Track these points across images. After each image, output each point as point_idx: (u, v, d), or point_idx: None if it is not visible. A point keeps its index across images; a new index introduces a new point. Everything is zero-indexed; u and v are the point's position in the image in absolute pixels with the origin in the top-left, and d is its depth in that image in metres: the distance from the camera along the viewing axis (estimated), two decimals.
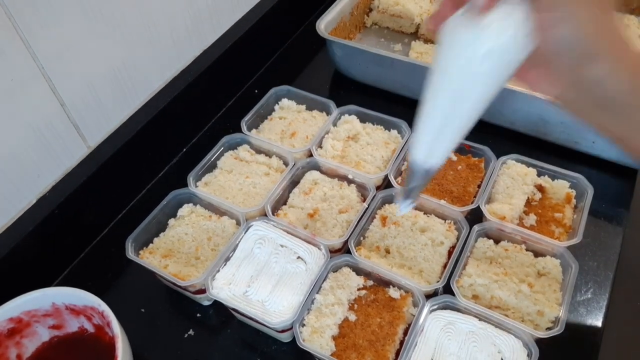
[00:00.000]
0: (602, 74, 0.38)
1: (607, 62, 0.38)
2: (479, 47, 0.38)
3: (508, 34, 0.38)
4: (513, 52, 0.39)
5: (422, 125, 0.45)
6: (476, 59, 0.39)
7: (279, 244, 0.73)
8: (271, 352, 0.70)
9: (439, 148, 0.46)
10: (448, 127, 0.44)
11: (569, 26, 0.37)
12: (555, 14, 0.37)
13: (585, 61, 0.38)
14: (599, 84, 0.39)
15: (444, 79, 0.41)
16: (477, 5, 0.38)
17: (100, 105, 0.79)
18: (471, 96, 0.41)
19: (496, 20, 0.38)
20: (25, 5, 0.63)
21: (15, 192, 0.71)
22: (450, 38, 0.40)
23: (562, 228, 0.75)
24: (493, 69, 0.40)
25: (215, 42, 0.98)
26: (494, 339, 0.64)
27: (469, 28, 0.38)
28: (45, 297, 0.63)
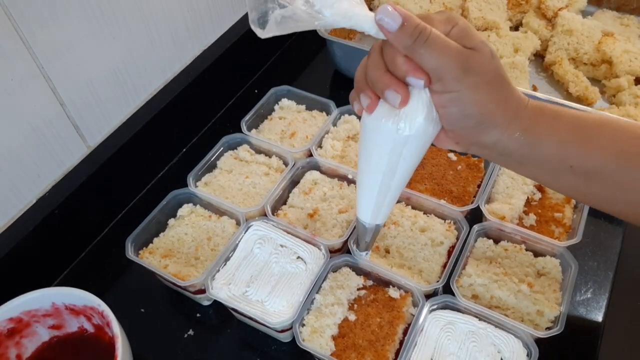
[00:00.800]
0: (496, 138, 0.47)
1: (497, 128, 0.46)
2: (401, 134, 0.45)
3: (421, 117, 0.45)
4: (430, 130, 0.46)
5: (363, 196, 0.54)
6: (400, 144, 0.46)
7: (278, 244, 0.73)
8: (271, 352, 0.70)
9: (382, 211, 0.55)
10: (386, 196, 0.52)
11: (457, 106, 0.44)
12: (445, 95, 0.44)
13: (478, 130, 0.46)
14: (495, 144, 0.47)
15: (374, 162, 0.49)
16: (395, 103, 0.44)
17: (100, 105, 0.79)
18: (401, 171, 0.49)
19: (410, 108, 0.45)
20: (25, 5, 0.63)
21: (15, 192, 0.71)
22: (376, 127, 0.46)
23: (561, 228, 0.75)
24: (415, 147, 0.47)
25: (215, 42, 0.98)
26: (493, 338, 0.64)
27: (389, 119, 0.45)
28: (45, 297, 0.63)
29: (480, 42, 0.44)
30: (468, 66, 0.43)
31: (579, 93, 0.96)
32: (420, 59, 0.43)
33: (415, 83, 0.43)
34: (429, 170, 0.83)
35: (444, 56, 0.42)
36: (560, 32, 1.02)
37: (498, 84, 0.45)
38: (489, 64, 0.44)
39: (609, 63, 0.98)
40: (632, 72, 0.95)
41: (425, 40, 0.42)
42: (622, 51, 0.97)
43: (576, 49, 1.01)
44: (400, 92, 0.44)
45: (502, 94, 0.45)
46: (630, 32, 1.05)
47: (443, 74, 0.43)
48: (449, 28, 0.44)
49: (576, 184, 0.49)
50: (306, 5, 0.41)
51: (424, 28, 0.42)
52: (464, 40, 0.43)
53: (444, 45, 0.42)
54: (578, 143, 0.47)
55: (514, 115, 0.46)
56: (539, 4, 1.10)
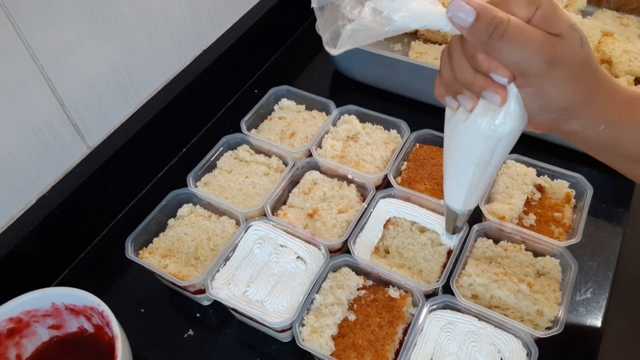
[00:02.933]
0: (578, 128, 0.44)
1: (580, 119, 0.43)
2: (497, 130, 0.44)
3: (516, 112, 0.43)
4: (524, 122, 0.45)
5: (455, 186, 0.53)
6: (495, 139, 0.45)
7: (278, 244, 0.73)
8: (271, 352, 0.71)
9: (474, 198, 0.54)
10: (479, 185, 0.51)
11: (540, 100, 0.42)
12: (527, 89, 0.41)
13: (560, 121, 0.44)
14: (576, 133, 0.45)
15: (468, 155, 0.47)
16: (496, 103, 0.42)
17: (100, 105, 0.79)
18: (494, 162, 0.48)
19: (505, 108, 0.43)
20: (25, 5, 0.63)
21: (15, 192, 0.71)
22: (472, 123, 0.45)
23: (561, 228, 0.75)
24: (509, 140, 0.46)
25: (215, 42, 0.98)
26: (493, 338, 0.64)
27: (485, 116, 0.44)
28: (45, 297, 0.63)
29: (568, 27, 0.40)
30: (553, 58, 0.39)
31: None
32: (499, 54, 0.40)
33: (499, 80, 0.41)
34: (429, 170, 0.83)
35: (524, 50, 0.39)
36: None
37: (586, 74, 0.41)
38: (577, 53, 0.40)
39: (609, 63, 0.98)
40: (632, 72, 0.95)
41: (502, 34, 0.38)
42: (622, 51, 0.97)
43: None
44: (498, 92, 0.42)
45: (589, 85, 0.42)
46: (629, 32, 1.05)
47: (525, 69, 0.40)
48: (532, 11, 0.40)
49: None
50: (374, 14, 0.40)
51: (501, 20, 0.38)
52: (548, 25, 0.40)
53: (524, 37, 0.39)
54: None
55: (600, 107, 0.43)
56: None
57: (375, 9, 0.40)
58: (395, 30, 0.41)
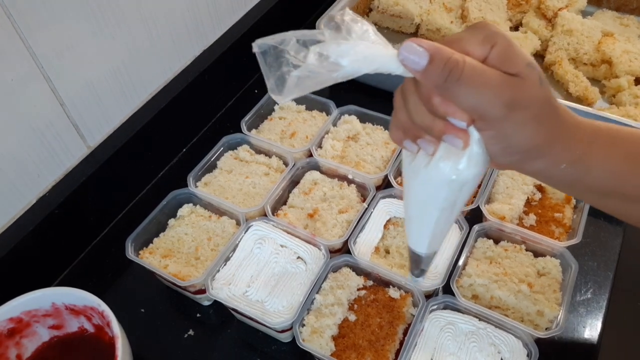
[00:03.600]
0: (541, 168, 0.43)
1: (543, 159, 0.42)
2: (462, 173, 0.42)
3: (480, 153, 0.41)
4: (487, 162, 0.42)
5: (418, 230, 0.50)
6: (460, 182, 0.43)
7: (278, 244, 0.73)
8: (271, 352, 0.70)
9: (438, 239, 0.51)
10: (444, 228, 0.49)
11: (501, 144, 0.40)
12: (487, 133, 0.39)
13: (522, 162, 0.42)
14: (540, 172, 0.44)
15: (432, 200, 0.45)
16: (458, 147, 0.40)
17: (100, 105, 0.79)
18: (459, 203, 0.46)
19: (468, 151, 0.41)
20: (25, 5, 0.63)
21: (15, 192, 0.71)
22: (434, 167, 0.42)
23: (561, 228, 0.75)
24: (474, 181, 0.44)
25: (215, 42, 0.98)
26: (493, 339, 0.64)
27: (449, 159, 0.41)
28: (45, 297, 0.63)
29: (526, 66, 0.38)
30: (512, 101, 0.37)
31: (579, 93, 0.96)
32: (456, 98, 0.37)
33: (458, 124, 0.39)
34: None
35: (482, 94, 0.37)
36: (560, 32, 1.03)
37: (547, 114, 0.40)
38: (536, 93, 0.38)
39: (609, 63, 0.98)
40: (632, 72, 0.95)
41: (458, 77, 0.36)
42: (622, 51, 0.97)
43: (576, 49, 1.01)
44: (460, 136, 0.39)
45: (551, 125, 0.40)
46: (630, 32, 1.05)
47: (484, 113, 0.38)
48: (487, 50, 0.38)
49: (625, 207, 0.46)
50: (320, 60, 0.37)
51: (456, 63, 0.36)
52: (505, 65, 0.37)
53: (482, 80, 0.37)
54: (631, 171, 0.43)
55: (562, 146, 0.41)
56: (539, 4, 1.10)
57: (321, 53, 0.37)
58: (345, 75, 0.38)
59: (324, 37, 0.37)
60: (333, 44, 0.37)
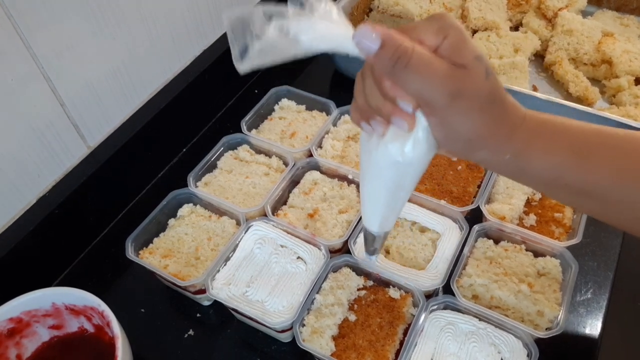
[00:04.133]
0: (485, 158, 0.44)
1: (486, 150, 0.43)
2: (408, 155, 0.44)
3: (425, 137, 0.43)
4: (434, 147, 0.44)
5: (370, 209, 0.53)
6: (406, 164, 0.45)
7: (279, 244, 0.73)
8: (271, 352, 0.70)
9: (389, 220, 0.54)
10: (393, 208, 0.52)
11: (444, 131, 0.42)
12: (432, 119, 0.41)
13: (466, 150, 0.44)
14: (484, 162, 0.46)
15: (381, 180, 0.48)
16: (403, 129, 0.42)
17: (100, 105, 0.79)
18: (407, 186, 0.48)
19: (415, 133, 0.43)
20: (25, 5, 0.63)
21: (15, 192, 0.71)
22: (383, 148, 0.45)
23: (562, 228, 0.75)
24: (420, 164, 0.46)
25: (215, 42, 0.98)
26: (493, 339, 0.64)
27: (396, 141, 0.44)
28: (45, 297, 0.63)
29: (474, 59, 0.39)
30: (456, 91, 0.39)
31: (579, 93, 0.96)
32: (402, 84, 0.39)
33: (404, 108, 0.41)
34: (429, 171, 0.83)
35: (427, 82, 0.38)
36: (560, 32, 1.03)
37: (491, 106, 0.41)
38: (481, 85, 0.40)
39: (609, 63, 0.98)
40: (632, 72, 0.95)
41: (405, 64, 0.38)
42: (622, 51, 0.97)
43: (576, 49, 1.01)
44: (405, 119, 0.41)
45: (494, 117, 0.42)
46: (630, 32, 1.05)
47: (429, 100, 0.40)
48: (440, 40, 0.39)
49: (572, 198, 0.48)
50: (280, 34, 0.39)
51: (405, 50, 0.37)
52: (455, 56, 0.39)
53: (428, 68, 0.38)
54: (574, 164, 0.44)
55: (505, 138, 0.43)
56: (539, 4, 1.10)
57: (281, 28, 0.39)
58: (304, 51, 0.40)
59: (289, 14, 0.39)
60: (294, 20, 0.39)
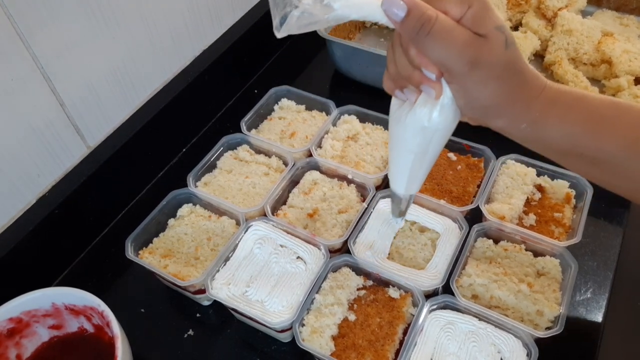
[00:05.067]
0: (502, 125, 0.46)
1: (504, 118, 0.45)
2: (434, 121, 0.46)
3: (451, 104, 0.45)
4: (458, 114, 0.47)
5: (397, 172, 0.56)
6: (432, 130, 0.47)
7: (278, 244, 0.73)
8: (271, 352, 0.71)
9: (415, 183, 0.57)
10: (418, 172, 0.54)
11: (464, 98, 0.44)
12: (452, 86, 0.43)
13: (484, 117, 0.46)
14: (501, 129, 0.47)
15: (408, 144, 0.50)
16: (432, 96, 0.44)
17: (100, 105, 0.79)
18: (432, 150, 0.51)
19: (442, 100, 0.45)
20: (25, 5, 0.63)
21: (15, 192, 0.71)
22: (412, 114, 0.47)
23: (561, 228, 0.75)
24: (445, 129, 0.48)
25: (215, 42, 0.98)
26: (493, 338, 0.64)
27: (424, 107, 0.46)
28: (45, 297, 0.63)
29: (495, 29, 0.41)
30: (475, 59, 0.40)
31: None
32: (425, 51, 0.41)
33: (428, 75, 0.43)
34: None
35: (448, 49, 0.40)
36: (560, 32, 1.03)
37: (509, 75, 0.43)
38: (500, 54, 0.41)
39: (609, 63, 0.98)
40: (632, 72, 0.95)
41: (428, 31, 0.39)
42: (622, 51, 0.97)
43: (576, 49, 1.01)
44: (433, 86, 0.43)
45: (512, 86, 0.43)
46: (629, 32, 1.05)
47: (449, 67, 0.41)
48: (464, 10, 0.40)
49: (585, 168, 0.49)
50: (316, 2, 0.42)
51: (428, 18, 0.39)
52: (476, 26, 0.40)
53: (449, 36, 0.40)
54: (589, 134, 0.45)
55: (523, 107, 0.44)
56: (539, 4, 1.10)
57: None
58: (336, 18, 0.42)
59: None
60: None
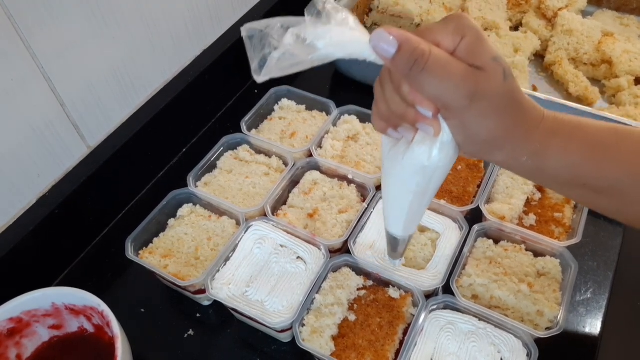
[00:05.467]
0: (502, 159, 0.45)
1: (504, 151, 0.43)
2: (434, 159, 0.44)
3: (450, 140, 0.43)
4: (454, 156, 0.45)
5: (394, 214, 0.54)
6: (432, 168, 0.45)
7: (278, 244, 0.73)
8: (271, 352, 0.70)
9: (413, 223, 0.55)
10: (418, 211, 0.52)
11: (463, 133, 0.42)
12: (450, 122, 0.41)
13: (483, 152, 0.44)
14: (501, 163, 0.46)
15: (406, 184, 0.48)
16: (430, 134, 0.42)
17: (100, 105, 0.79)
18: (432, 188, 0.48)
19: (441, 138, 0.43)
20: (25, 5, 0.63)
21: (15, 192, 0.71)
22: (410, 153, 0.45)
23: (561, 228, 0.75)
24: (446, 166, 0.46)
25: (215, 42, 0.98)
26: (493, 338, 0.64)
27: (422, 145, 0.44)
28: (45, 297, 0.63)
29: (492, 60, 0.39)
30: (474, 92, 0.39)
31: (579, 93, 0.96)
32: (421, 88, 0.39)
33: (424, 113, 0.41)
34: None
35: (445, 84, 0.38)
36: (560, 32, 1.03)
37: (508, 108, 0.41)
38: (499, 86, 0.39)
39: (609, 63, 0.98)
40: (632, 72, 0.95)
41: (422, 67, 0.37)
42: (622, 51, 0.97)
43: (576, 49, 1.01)
44: (431, 124, 0.41)
45: (512, 118, 0.42)
46: (630, 32, 1.05)
47: (447, 102, 0.39)
48: (457, 41, 0.39)
49: (590, 198, 0.47)
50: (297, 41, 0.39)
51: (422, 53, 0.37)
52: (472, 57, 0.39)
53: (445, 71, 0.38)
54: (592, 164, 0.44)
55: (523, 139, 0.43)
56: (539, 4, 1.10)
57: (299, 36, 0.39)
58: (321, 59, 0.40)
59: (306, 23, 0.40)
60: (311, 27, 0.39)
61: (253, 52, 0.41)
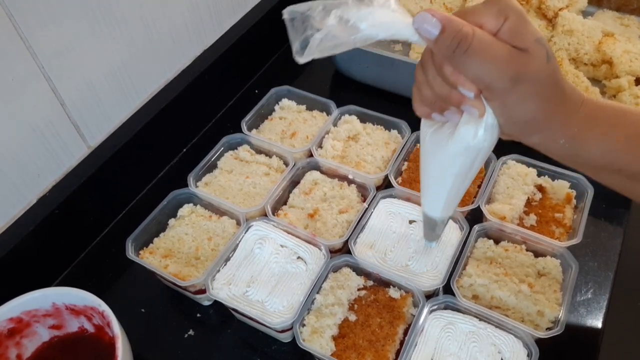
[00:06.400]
0: (540, 141, 0.45)
1: (542, 134, 0.44)
2: (480, 140, 0.44)
3: (495, 121, 0.44)
4: (496, 137, 0.45)
5: (433, 195, 0.54)
6: (476, 149, 0.45)
7: (279, 244, 0.73)
8: (271, 352, 0.70)
9: (452, 205, 0.55)
10: (457, 193, 0.53)
11: (504, 115, 0.42)
12: (492, 103, 0.42)
13: (522, 133, 0.44)
14: (538, 145, 0.46)
15: (448, 166, 0.48)
16: (475, 116, 0.43)
17: (100, 105, 0.79)
18: (473, 171, 0.49)
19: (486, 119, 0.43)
20: (25, 5, 0.63)
21: (15, 192, 0.71)
22: (456, 134, 0.45)
23: (562, 228, 0.75)
24: (489, 148, 0.46)
25: (215, 42, 0.98)
26: (494, 339, 0.64)
27: (469, 126, 0.44)
28: (45, 297, 0.63)
29: (535, 42, 0.39)
30: (517, 74, 0.39)
31: None
32: (464, 69, 0.39)
33: (466, 94, 0.41)
34: None
35: (488, 66, 0.38)
36: (561, 32, 1.02)
37: (550, 90, 0.41)
38: (542, 69, 0.39)
39: (610, 63, 0.98)
40: (633, 72, 0.95)
41: (466, 49, 0.38)
42: (623, 51, 0.97)
43: (576, 49, 1.00)
44: (476, 105, 0.41)
45: (553, 101, 0.42)
46: (630, 33, 1.05)
47: (489, 84, 0.40)
48: (500, 23, 0.39)
49: (623, 183, 0.47)
50: (340, 23, 0.40)
51: (465, 35, 0.37)
52: (515, 39, 0.39)
53: (489, 52, 0.38)
54: (630, 151, 0.44)
55: (562, 122, 0.43)
56: (539, 4, 1.10)
57: (341, 17, 0.40)
58: (362, 39, 0.41)
59: (348, 4, 0.40)
60: (353, 8, 0.40)
61: (295, 34, 0.41)
